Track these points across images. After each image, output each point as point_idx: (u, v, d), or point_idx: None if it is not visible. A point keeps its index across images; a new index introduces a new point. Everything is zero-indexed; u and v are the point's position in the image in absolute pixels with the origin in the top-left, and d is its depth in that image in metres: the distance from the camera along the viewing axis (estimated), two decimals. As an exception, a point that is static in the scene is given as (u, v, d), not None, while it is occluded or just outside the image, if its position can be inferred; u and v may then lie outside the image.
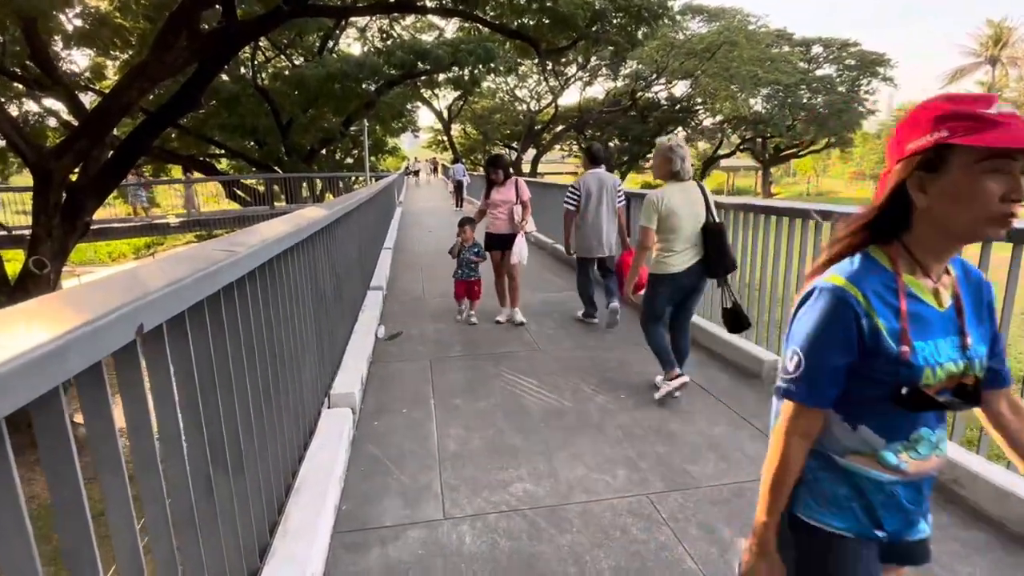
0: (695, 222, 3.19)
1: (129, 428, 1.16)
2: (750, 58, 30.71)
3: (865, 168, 54.50)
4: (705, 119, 38.19)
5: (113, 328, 0.97)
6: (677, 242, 3.19)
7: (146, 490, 1.18)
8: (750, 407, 3.30)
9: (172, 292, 1.22)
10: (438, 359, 4.22)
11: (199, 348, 1.45)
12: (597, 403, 3.38)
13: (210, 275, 1.43)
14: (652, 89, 34.77)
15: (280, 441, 2.12)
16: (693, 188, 3.23)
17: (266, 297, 2.03)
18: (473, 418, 3.21)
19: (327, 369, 3.25)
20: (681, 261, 3.21)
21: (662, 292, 3.28)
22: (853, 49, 36.02)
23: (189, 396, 1.41)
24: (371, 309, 5.09)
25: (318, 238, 3.07)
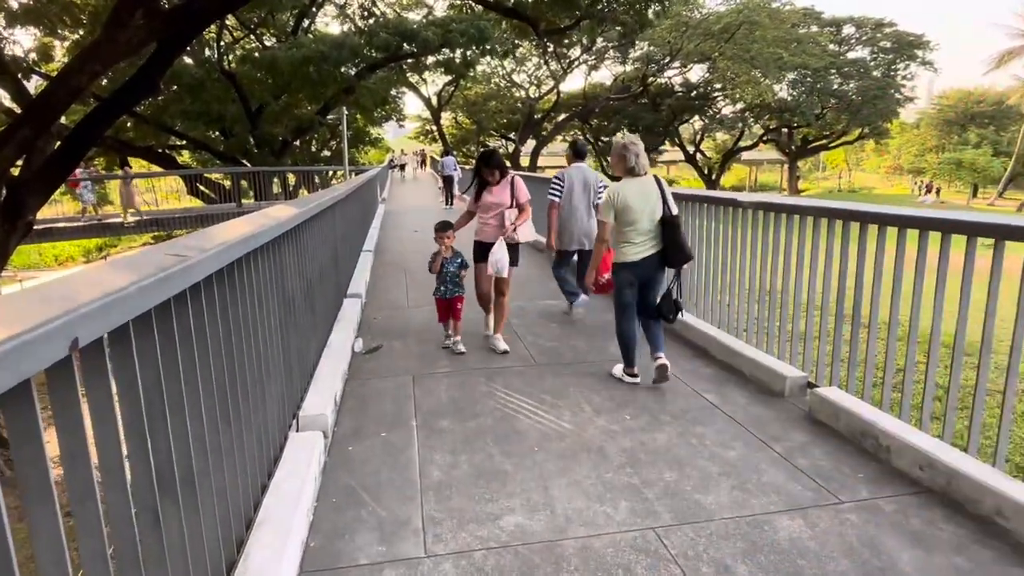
0: (652, 215, 3.76)
1: (63, 455, 1.16)
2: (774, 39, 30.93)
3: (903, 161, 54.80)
4: (724, 107, 38.42)
5: (43, 342, 0.98)
6: (634, 234, 3.78)
7: (82, 524, 1.18)
8: (770, 429, 3.30)
9: (113, 302, 1.22)
10: (422, 375, 4.22)
11: (146, 365, 1.45)
12: (599, 425, 3.39)
13: (159, 282, 1.43)
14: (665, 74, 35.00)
15: (240, 469, 2.11)
16: (649, 182, 3.80)
17: (224, 307, 2.03)
18: (460, 442, 3.21)
19: (296, 388, 3.24)
20: (638, 252, 3.81)
21: (623, 279, 3.89)
22: (888, 30, 36.30)
23: (134, 419, 1.41)
24: (348, 319, 5.08)
25: (287, 240, 3.07)
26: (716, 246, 4.69)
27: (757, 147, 43.86)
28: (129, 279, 1.32)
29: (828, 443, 3.12)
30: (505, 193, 4.64)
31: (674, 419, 3.45)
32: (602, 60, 35.18)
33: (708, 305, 4.89)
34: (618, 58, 34.74)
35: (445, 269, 4.71)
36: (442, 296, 4.76)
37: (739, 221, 4.38)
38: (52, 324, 1.00)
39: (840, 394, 3.35)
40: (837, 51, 36.41)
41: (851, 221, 3.42)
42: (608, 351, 4.68)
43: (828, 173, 68.56)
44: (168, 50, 7.73)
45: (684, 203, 5.17)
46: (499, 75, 37.45)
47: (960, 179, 41.54)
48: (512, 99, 37.02)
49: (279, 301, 2.87)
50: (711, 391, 3.85)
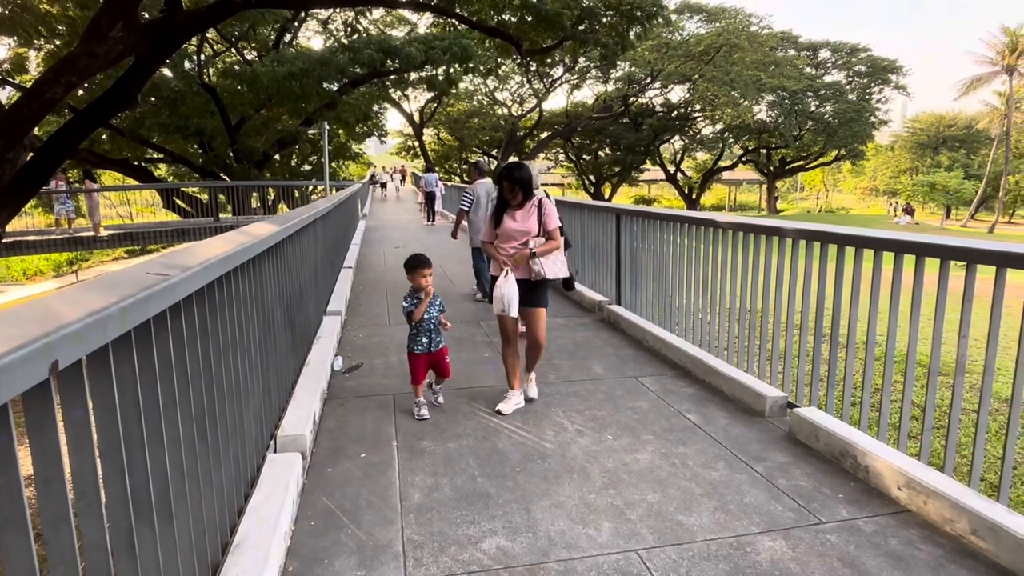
0: None
1: (37, 479, 1.14)
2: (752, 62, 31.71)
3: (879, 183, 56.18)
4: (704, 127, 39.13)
5: (22, 365, 0.97)
6: None
7: (54, 550, 1.16)
8: (751, 449, 3.34)
9: (95, 322, 1.21)
10: (404, 395, 4.19)
11: (124, 386, 1.44)
12: (582, 445, 3.39)
13: (140, 302, 1.42)
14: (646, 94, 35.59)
15: (217, 491, 2.08)
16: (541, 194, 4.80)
17: (205, 326, 2.01)
18: (441, 463, 3.19)
19: (274, 407, 3.21)
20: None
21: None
22: (863, 55, 37.42)
23: (111, 441, 1.39)
24: (327, 337, 5.05)
25: (266, 258, 3.07)
26: (696, 265, 4.76)
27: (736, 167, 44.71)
28: (111, 299, 1.31)
29: (808, 463, 3.16)
30: (531, 220, 3.86)
31: (656, 439, 3.47)
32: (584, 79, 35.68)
33: (689, 324, 4.95)
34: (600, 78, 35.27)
35: (428, 317, 3.84)
36: (425, 351, 3.83)
37: (719, 241, 4.46)
38: (34, 345, 0.99)
39: (819, 414, 3.41)
40: (814, 74, 37.44)
41: (829, 243, 3.50)
42: (592, 370, 4.70)
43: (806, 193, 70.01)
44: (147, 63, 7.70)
45: (663, 223, 5.25)
46: (482, 92, 37.80)
47: (933, 201, 42.68)
48: (495, 116, 37.34)
49: (259, 319, 2.85)
50: (693, 411, 3.88)
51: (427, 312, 3.84)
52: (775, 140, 37.30)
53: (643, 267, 5.74)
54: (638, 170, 41.91)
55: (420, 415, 3.78)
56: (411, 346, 3.90)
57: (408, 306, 3.85)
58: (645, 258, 5.69)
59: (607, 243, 6.54)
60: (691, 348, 4.72)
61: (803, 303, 3.69)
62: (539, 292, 3.94)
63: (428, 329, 3.86)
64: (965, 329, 2.70)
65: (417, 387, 3.88)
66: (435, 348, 3.88)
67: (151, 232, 17.73)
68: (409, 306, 3.85)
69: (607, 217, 6.55)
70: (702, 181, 42.61)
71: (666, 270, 5.26)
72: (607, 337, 5.69)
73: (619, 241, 6.21)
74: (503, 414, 3.83)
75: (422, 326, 3.85)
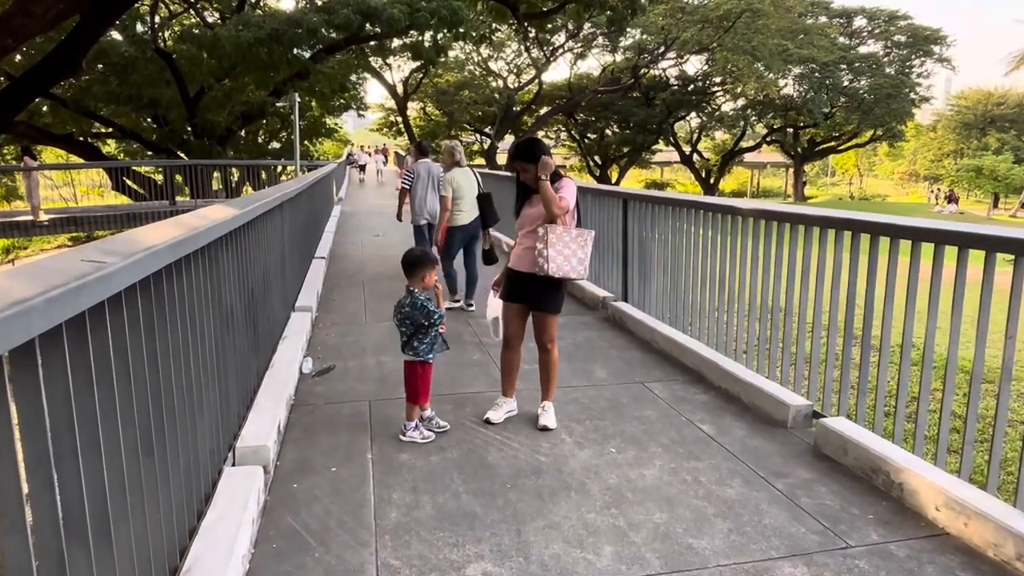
0: (472, 193, 6.52)
1: (-50, 494, 1.12)
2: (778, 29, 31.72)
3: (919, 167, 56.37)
4: (724, 103, 39.18)
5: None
6: (463, 204, 6.48)
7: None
8: (772, 464, 3.34)
9: (16, 315, 1.19)
10: (380, 401, 4.18)
11: (53, 389, 1.42)
12: (581, 458, 3.39)
13: (71, 292, 1.40)
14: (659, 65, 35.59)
15: (165, 509, 2.06)
16: (469, 171, 6.62)
17: (150, 322, 1.99)
18: (422, 478, 3.19)
19: (233, 415, 3.20)
20: (466, 218, 6.52)
21: (457, 237, 6.56)
22: (903, 23, 37.46)
23: (38, 451, 1.37)
24: (295, 337, 5.03)
25: (225, 245, 3.04)
26: (713, 258, 4.76)
27: (760, 149, 44.82)
28: (35, 288, 1.28)
29: (835, 480, 3.16)
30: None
31: (665, 452, 3.47)
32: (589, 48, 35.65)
33: (704, 324, 4.95)
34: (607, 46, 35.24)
35: (435, 319, 3.63)
36: (433, 356, 3.69)
37: (738, 231, 4.45)
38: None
39: (848, 425, 3.41)
40: (847, 44, 37.48)
41: (861, 233, 3.50)
42: (594, 375, 4.69)
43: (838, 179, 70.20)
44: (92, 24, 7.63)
45: (676, 209, 5.24)
46: (474, 62, 37.73)
47: (980, 188, 42.82)
48: (488, 89, 37.28)
49: (215, 315, 2.83)
50: (707, 421, 3.88)
51: (435, 318, 3.60)
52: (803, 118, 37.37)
53: (653, 259, 5.74)
54: (649, 151, 41.95)
55: (425, 437, 3.61)
56: (426, 352, 3.63)
57: (435, 307, 3.60)
58: (655, 249, 5.69)
59: (612, 232, 6.53)
60: (706, 351, 4.72)
61: (832, 301, 3.70)
62: (547, 292, 3.76)
63: (432, 333, 3.64)
64: (1013, 329, 2.70)
65: (421, 407, 3.70)
66: (432, 354, 3.69)
67: (98, 216, 17.62)
68: (435, 307, 3.60)
69: (613, 202, 6.54)
70: (721, 164, 42.69)
71: (679, 263, 5.26)
72: (611, 338, 5.68)
73: (626, 230, 6.21)
74: (492, 423, 3.82)
75: (436, 323, 3.63)
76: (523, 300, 3.85)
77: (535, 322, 3.86)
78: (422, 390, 3.69)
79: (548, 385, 3.91)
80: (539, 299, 3.80)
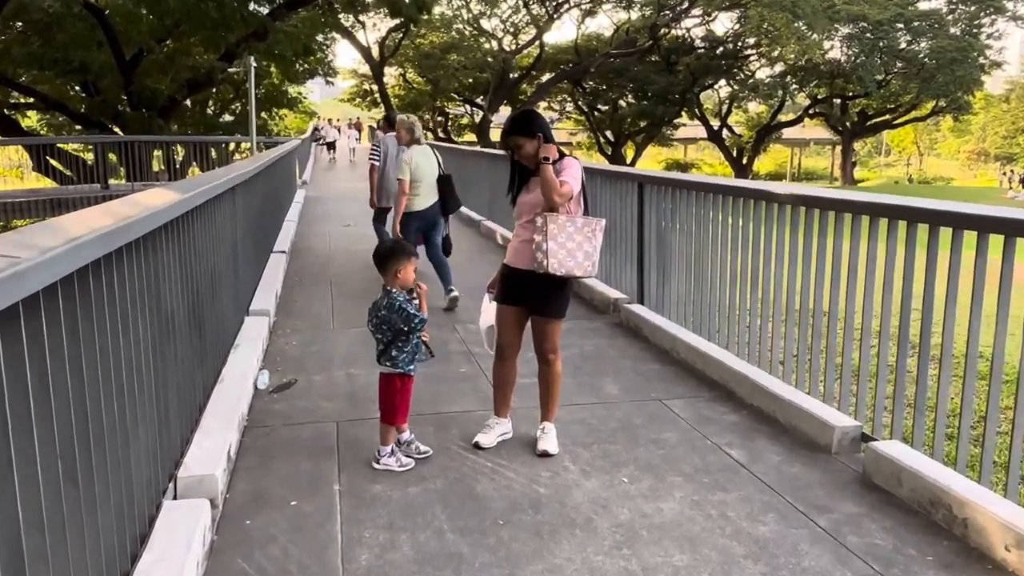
0: (432, 174, 6.81)
1: None
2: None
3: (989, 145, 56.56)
4: (759, 69, 39.27)
5: None
6: (421, 188, 6.75)
7: None
8: (813, 496, 3.35)
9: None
10: (350, 422, 4.18)
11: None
12: (587, 489, 3.39)
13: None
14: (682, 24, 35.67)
15: (92, 550, 2.06)
16: (429, 150, 6.97)
17: (74, 327, 1.99)
18: (399, 513, 3.18)
19: (174, 439, 3.19)
20: (423, 203, 6.79)
21: (413, 224, 6.78)
22: (970, -26, 37.47)
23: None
24: (249, 345, 5.03)
25: (165, 236, 3.04)
26: (745, 253, 4.77)
27: (801, 123, 44.94)
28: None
29: (888, 514, 3.17)
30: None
31: (687, 482, 3.47)
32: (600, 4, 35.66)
33: (734, 330, 4.96)
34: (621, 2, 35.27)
35: (415, 324, 3.59)
36: (414, 369, 3.70)
37: (775, 220, 4.46)
38: None
39: (904, 449, 3.42)
40: (904, 0, 37.57)
41: (919, 222, 3.51)
42: (603, 390, 4.70)
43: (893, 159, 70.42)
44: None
45: (701, 195, 5.25)
46: (463, 20, 37.74)
47: (1061, 170, 42.96)
48: (480, 52, 37.30)
49: (153, 320, 2.83)
50: (736, 445, 3.89)
51: (416, 323, 3.57)
52: (852, 87, 37.48)
53: (673, 254, 5.75)
54: (671, 125, 42.07)
55: (403, 464, 3.60)
56: (406, 363, 3.62)
57: (415, 310, 3.56)
58: (676, 242, 5.70)
59: (626, 221, 6.54)
60: (735, 362, 4.73)
61: (884, 303, 3.70)
62: (549, 293, 3.73)
63: (415, 342, 3.63)
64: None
65: (399, 428, 3.70)
66: (421, 359, 3.71)
67: (16, 203, 17.59)
68: (416, 309, 3.57)
69: (627, 186, 6.56)
70: (756, 141, 42.82)
71: (704, 258, 5.27)
72: (624, 346, 5.69)
73: (642, 219, 6.22)
74: (483, 448, 3.82)
75: (416, 329, 3.60)
76: (520, 302, 3.83)
77: (534, 328, 3.86)
78: (400, 408, 3.67)
79: (549, 403, 3.91)
80: (539, 301, 3.78)
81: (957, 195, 38.18)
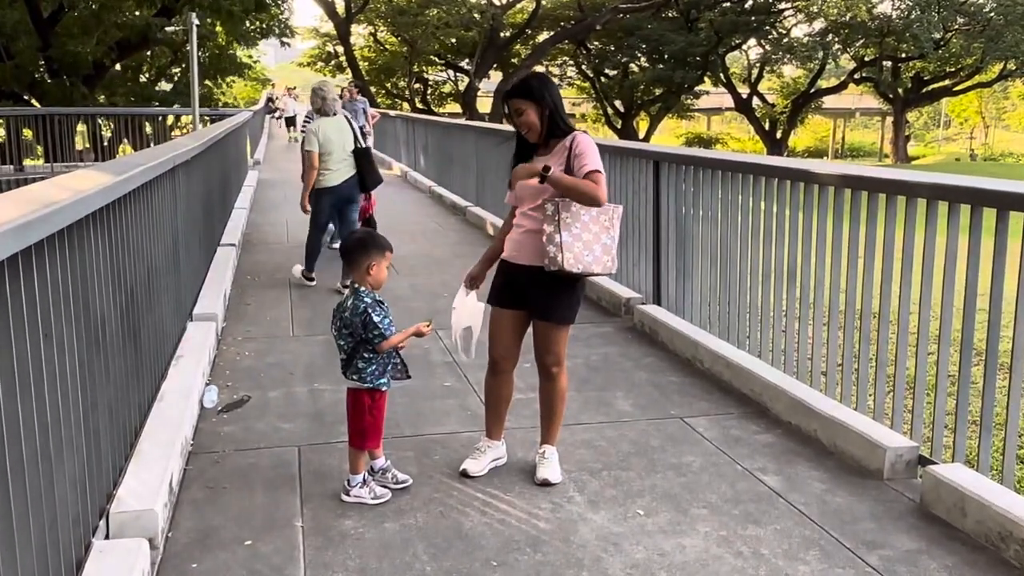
0: (345, 146, 7.36)
1: None
2: (871, -76, 31.84)
3: (1065, 115, 56.75)
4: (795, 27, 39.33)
5: None
6: (331, 162, 7.30)
7: None
8: (862, 530, 3.36)
9: None
10: (315, 447, 4.18)
11: None
12: (595, 524, 3.40)
13: None
14: (705, -28, 35.64)
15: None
16: (343, 121, 7.50)
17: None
18: (374, 554, 3.18)
19: (105, 467, 3.18)
20: (336, 178, 7.34)
21: (325, 200, 7.46)
22: (1042, -87, 37.60)
23: None
24: (194, 356, 5.03)
25: (93, 227, 3.03)
26: (780, 244, 4.78)
27: (845, 89, 44.97)
28: None
29: (950, 550, 3.18)
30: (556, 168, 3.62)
31: (713, 514, 3.48)
32: (607, -52, 35.64)
33: (767, 336, 4.97)
34: (632, -54, 35.27)
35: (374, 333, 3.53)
36: (387, 384, 3.69)
37: (814, 205, 4.47)
38: None
39: (967, 474, 3.43)
40: (966, -56, 37.69)
41: (984, 206, 3.52)
42: (614, 407, 4.71)
43: (954, 132, 70.61)
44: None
45: (728, 175, 5.26)
46: (445, -31, 37.65)
47: None
48: (465, 7, 37.20)
49: (79, 326, 2.82)
50: (771, 470, 3.90)
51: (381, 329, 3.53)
52: (906, 47, 37.52)
53: (696, 245, 5.77)
54: (691, 93, 42.06)
55: (378, 496, 3.60)
56: (375, 376, 3.59)
57: (381, 319, 3.50)
58: (699, 231, 5.72)
59: (640, 207, 6.56)
60: (769, 372, 4.75)
61: (944, 302, 3.72)
62: (556, 294, 3.72)
63: (386, 356, 3.63)
64: None
65: (371, 454, 3.71)
66: (398, 378, 3.73)
67: (-86, 188, 17.52)
68: (382, 318, 3.51)
69: (640, 165, 6.57)
70: (792, 111, 42.88)
71: (732, 251, 5.29)
72: (638, 354, 5.71)
73: (658, 204, 6.24)
74: (472, 476, 3.82)
75: (373, 341, 3.55)
76: (521, 305, 3.80)
77: (537, 336, 3.84)
78: (371, 430, 3.65)
79: (551, 423, 3.91)
80: (545, 303, 3.75)
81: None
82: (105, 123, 23.01)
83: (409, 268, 8.54)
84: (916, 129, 61.53)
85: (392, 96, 42.24)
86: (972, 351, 3.63)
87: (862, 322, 4.21)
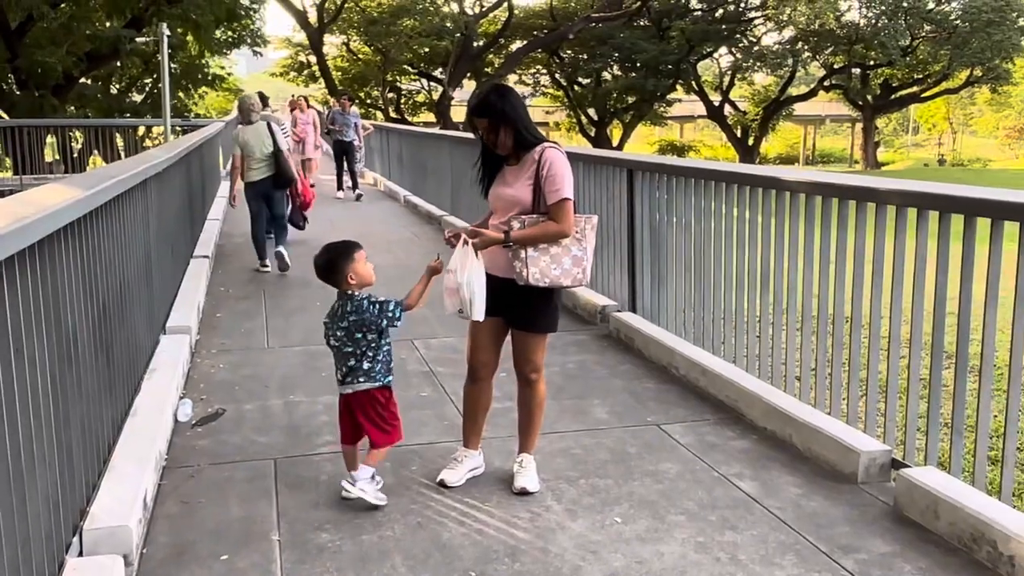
0: (263, 150, 8.98)
1: None
2: (838, -67, 32.22)
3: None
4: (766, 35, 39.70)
5: None
6: (252, 162, 9.02)
7: None
8: (837, 533, 3.39)
9: None
10: (291, 459, 4.17)
11: None
12: (574, 532, 3.41)
13: None
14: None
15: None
16: (262, 128, 9.07)
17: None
18: (351, 566, 3.17)
19: (78, 483, 3.16)
20: (256, 175, 9.07)
21: (249, 195, 9.19)
22: (1007, -77, 38.14)
23: None
24: (167, 369, 5.00)
25: (63, 241, 3.01)
26: (753, 250, 4.81)
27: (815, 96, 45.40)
28: None
29: (924, 553, 3.21)
30: (525, 183, 3.67)
31: (690, 521, 3.49)
32: (579, -42, 35.83)
33: (742, 342, 5.00)
34: (603, -45, 35.48)
35: (391, 305, 3.66)
36: (388, 382, 3.76)
37: (786, 211, 4.51)
38: None
39: (941, 477, 3.47)
40: (932, -47, 38.21)
41: (952, 212, 3.56)
42: (591, 415, 4.72)
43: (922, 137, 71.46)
44: None
45: (701, 183, 5.29)
46: (417, -23, 37.67)
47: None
48: (438, 17, 37.25)
49: (50, 341, 2.80)
50: (747, 476, 3.92)
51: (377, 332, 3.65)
52: (874, 54, 37.96)
53: (670, 253, 5.80)
54: (663, 101, 42.30)
55: (379, 498, 3.63)
56: (384, 375, 3.68)
57: (385, 297, 3.62)
58: (673, 239, 5.75)
59: (614, 215, 6.58)
60: (744, 378, 4.78)
61: (914, 306, 3.76)
62: (533, 304, 3.73)
63: (384, 350, 3.70)
64: None
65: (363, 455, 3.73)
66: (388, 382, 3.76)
67: None
68: (395, 309, 3.61)
69: (614, 174, 6.60)
70: (763, 118, 43.24)
71: (706, 257, 5.32)
72: (614, 362, 5.73)
73: (632, 212, 6.26)
74: (449, 486, 3.82)
75: (396, 315, 3.63)
76: (498, 314, 3.76)
77: (516, 344, 3.85)
78: (394, 423, 3.73)
79: (529, 432, 3.91)
80: (523, 312, 3.76)
81: (996, 179, 38.81)
82: (75, 135, 22.78)
83: (385, 278, 8.40)
84: (885, 135, 62.27)
85: (366, 105, 42.07)
86: (943, 355, 3.67)
87: (835, 327, 4.24)
